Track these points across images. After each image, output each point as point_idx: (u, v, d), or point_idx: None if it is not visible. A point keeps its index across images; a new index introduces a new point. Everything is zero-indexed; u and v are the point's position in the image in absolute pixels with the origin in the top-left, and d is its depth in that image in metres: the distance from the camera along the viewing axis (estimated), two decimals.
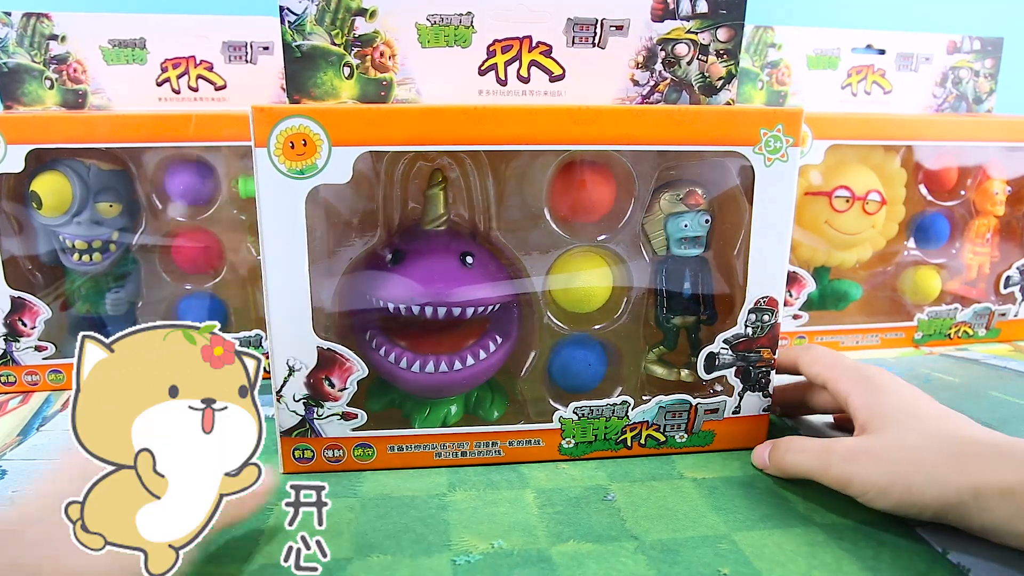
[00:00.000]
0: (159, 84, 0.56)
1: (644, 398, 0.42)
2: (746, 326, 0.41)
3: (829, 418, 0.47)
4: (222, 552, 0.32)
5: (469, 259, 0.41)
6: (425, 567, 0.32)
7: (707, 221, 0.43)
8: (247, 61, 0.57)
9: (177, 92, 0.57)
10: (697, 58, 0.43)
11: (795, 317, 0.62)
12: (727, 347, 0.42)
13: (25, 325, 0.52)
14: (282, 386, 0.39)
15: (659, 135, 0.39)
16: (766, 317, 0.41)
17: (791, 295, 0.60)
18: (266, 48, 0.57)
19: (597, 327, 0.46)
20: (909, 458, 0.33)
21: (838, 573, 0.31)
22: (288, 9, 0.39)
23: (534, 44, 0.43)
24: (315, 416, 0.39)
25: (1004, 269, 0.67)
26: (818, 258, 0.62)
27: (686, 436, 0.42)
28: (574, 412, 0.41)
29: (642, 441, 0.42)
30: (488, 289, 0.41)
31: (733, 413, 0.43)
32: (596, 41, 0.43)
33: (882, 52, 0.66)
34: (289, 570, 0.31)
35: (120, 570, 0.26)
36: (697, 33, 0.42)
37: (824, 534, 0.34)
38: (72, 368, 0.26)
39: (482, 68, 0.43)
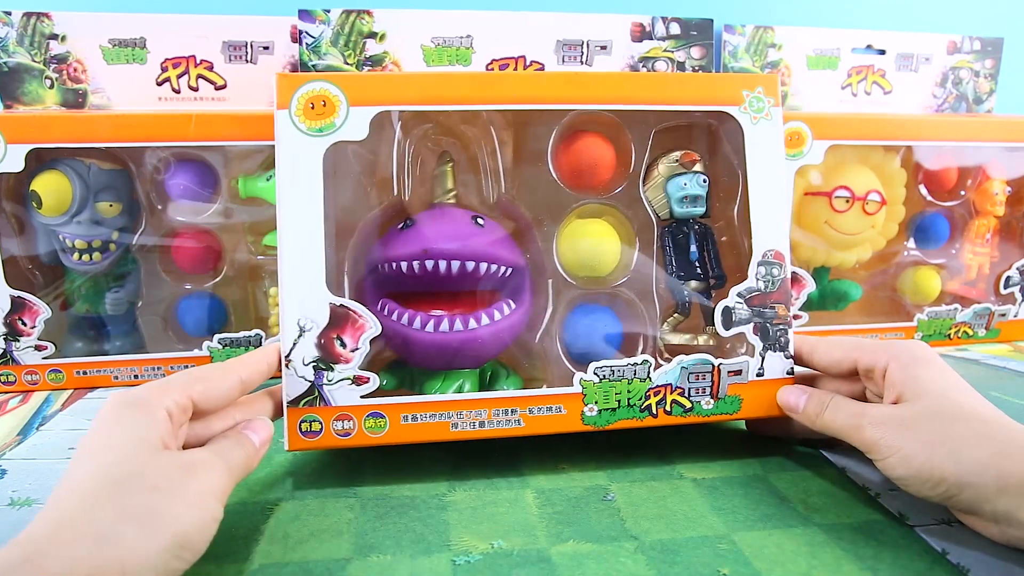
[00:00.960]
0: (159, 84, 0.56)
1: (665, 358, 0.42)
2: (757, 279, 0.42)
3: None
4: (222, 552, 0.32)
5: (480, 220, 0.42)
6: (425, 567, 0.32)
7: (704, 181, 0.45)
8: (247, 61, 0.57)
9: (177, 92, 0.57)
10: None
11: (795, 317, 0.62)
12: (741, 301, 0.42)
13: (25, 324, 0.52)
14: (291, 349, 0.38)
15: (653, 96, 0.42)
16: (775, 271, 0.42)
17: (791, 295, 0.60)
18: (266, 48, 0.57)
19: (615, 285, 0.46)
20: (939, 429, 0.33)
21: (838, 573, 0.31)
22: (306, 32, 0.42)
23: (528, 63, 0.46)
24: (325, 381, 0.38)
25: (1004, 269, 0.67)
26: (818, 258, 0.62)
27: (712, 403, 0.42)
28: (595, 374, 0.41)
29: (667, 408, 0.41)
30: (501, 246, 0.42)
31: (756, 375, 0.42)
32: (584, 59, 0.47)
33: (882, 52, 0.67)
34: (289, 573, 0.32)
35: (164, 546, 0.27)
36: (673, 52, 0.46)
37: (824, 534, 0.34)
38: (72, 368, 0.27)
39: None
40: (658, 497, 0.38)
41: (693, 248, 0.45)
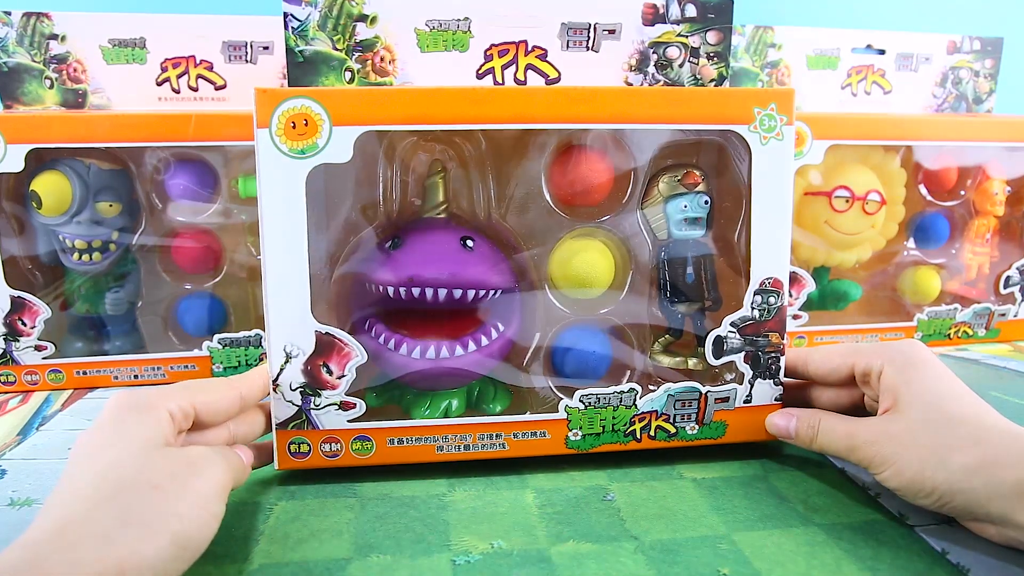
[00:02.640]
0: (159, 84, 0.56)
1: (651, 388, 0.41)
2: (752, 308, 0.41)
3: None
4: (222, 552, 0.32)
5: (469, 242, 0.41)
6: (425, 567, 0.32)
7: (706, 202, 0.43)
8: (247, 61, 0.57)
9: (177, 92, 0.57)
10: (688, 61, 0.44)
11: (795, 317, 0.62)
12: (734, 330, 0.41)
13: (25, 325, 0.52)
14: (278, 374, 0.38)
15: (656, 114, 0.40)
16: (772, 299, 0.41)
17: (791, 295, 0.60)
18: (266, 48, 0.57)
19: (603, 311, 0.45)
20: (929, 438, 0.33)
21: (837, 573, 0.31)
22: (292, 15, 0.40)
23: (530, 48, 0.44)
24: (312, 406, 0.39)
25: (1004, 269, 0.67)
26: (818, 258, 0.62)
27: (697, 428, 0.42)
28: (580, 401, 0.40)
29: (651, 433, 0.41)
30: (489, 272, 0.41)
31: (744, 402, 0.42)
32: (590, 45, 0.44)
33: (882, 52, 0.67)
34: (289, 573, 0.32)
35: (175, 553, 0.27)
36: (687, 36, 0.44)
37: (824, 534, 0.34)
38: (71, 368, 0.27)
39: (479, 72, 0.43)
40: (658, 497, 0.38)
41: (690, 270, 0.43)
